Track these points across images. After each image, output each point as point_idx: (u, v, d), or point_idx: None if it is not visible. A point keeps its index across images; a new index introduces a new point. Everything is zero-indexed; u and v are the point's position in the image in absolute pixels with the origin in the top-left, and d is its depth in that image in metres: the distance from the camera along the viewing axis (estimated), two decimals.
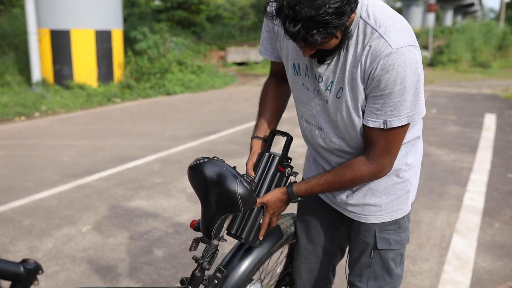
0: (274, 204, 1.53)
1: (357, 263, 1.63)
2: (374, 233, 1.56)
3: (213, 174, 1.32)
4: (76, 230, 3.41)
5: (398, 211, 1.56)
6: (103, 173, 4.68)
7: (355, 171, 1.42)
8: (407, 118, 1.32)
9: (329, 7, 1.13)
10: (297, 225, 1.83)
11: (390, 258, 1.58)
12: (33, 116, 7.52)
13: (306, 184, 1.49)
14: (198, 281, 1.51)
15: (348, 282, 1.70)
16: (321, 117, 1.48)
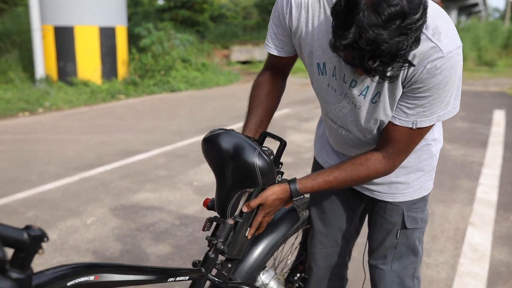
0: (272, 203, 1.37)
1: (382, 245, 1.55)
2: (401, 212, 1.49)
3: (230, 145, 1.23)
4: (80, 222, 3.33)
5: (425, 188, 1.50)
6: (108, 166, 4.60)
7: (369, 170, 1.33)
8: (437, 118, 1.24)
9: (410, 37, 1.01)
10: (311, 209, 1.74)
11: (416, 237, 1.52)
12: (36, 112, 7.45)
13: (312, 181, 1.36)
14: (212, 262, 1.42)
15: (370, 266, 1.62)
16: (349, 120, 1.38)
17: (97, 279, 1.01)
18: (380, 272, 1.57)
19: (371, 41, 0.99)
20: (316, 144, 1.73)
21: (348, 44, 1.02)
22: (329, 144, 1.65)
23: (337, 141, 1.54)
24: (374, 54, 1.02)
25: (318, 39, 1.27)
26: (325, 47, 1.26)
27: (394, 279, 1.55)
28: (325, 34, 1.24)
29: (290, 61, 1.49)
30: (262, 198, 1.37)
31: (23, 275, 0.84)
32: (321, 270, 1.77)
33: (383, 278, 1.56)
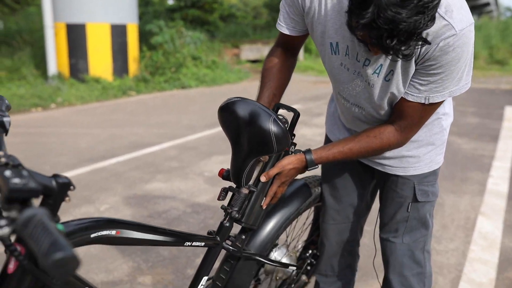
0: (288, 172, 1.42)
1: (393, 219, 1.58)
2: (413, 185, 1.51)
3: (246, 112, 1.27)
4: (94, 209, 3.38)
5: (435, 161, 1.52)
6: (120, 158, 4.66)
7: (383, 142, 1.37)
8: (449, 93, 1.27)
9: (427, 15, 1.03)
10: (323, 186, 1.77)
11: (427, 210, 1.55)
12: (49, 107, 7.54)
13: (327, 152, 1.41)
14: (227, 231, 1.45)
15: (381, 240, 1.65)
16: (362, 97, 1.40)
17: (118, 234, 1.05)
18: (391, 245, 1.59)
19: (389, 20, 1.01)
20: (327, 122, 1.76)
21: (366, 24, 1.04)
22: (340, 121, 1.67)
23: (349, 119, 1.56)
24: (392, 33, 1.03)
25: (331, 19, 1.29)
26: (337, 26, 1.28)
27: (405, 251, 1.58)
28: (338, 14, 1.27)
29: (301, 40, 1.52)
30: (279, 167, 1.41)
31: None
32: (333, 246, 1.79)
33: (394, 250, 1.59)
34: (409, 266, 1.59)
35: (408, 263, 1.59)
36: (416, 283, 1.60)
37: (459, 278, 2.53)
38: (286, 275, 1.83)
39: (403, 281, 1.60)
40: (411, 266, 1.59)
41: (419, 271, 1.60)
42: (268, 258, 1.63)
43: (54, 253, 0.56)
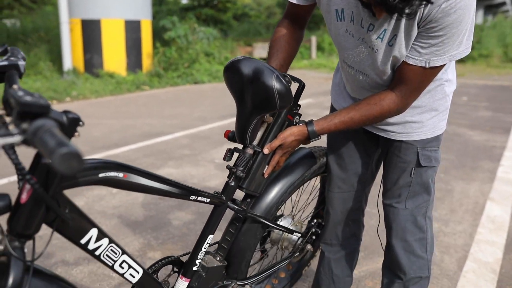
0: (290, 143, 1.46)
1: (396, 184, 1.60)
2: (416, 150, 1.54)
3: (249, 70, 1.31)
4: (106, 191, 3.45)
5: (438, 127, 1.55)
6: (133, 145, 4.74)
7: (383, 108, 1.40)
8: (449, 57, 1.29)
9: None
10: (329, 155, 1.80)
11: (429, 175, 1.57)
12: (64, 100, 7.67)
13: (328, 122, 1.44)
14: (232, 190, 1.50)
15: (384, 206, 1.67)
16: (366, 64, 1.44)
17: (125, 177, 1.10)
18: (394, 210, 1.62)
19: None
20: (332, 92, 1.80)
21: None
22: (345, 91, 1.71)
23: (354, 87, 1.60)
24: None
25: None
26: None
27: (407, 217, 1.61)
28: None
29: (308, 10, 1.56)
30: (281, 139, 1.46)
31: None
32: (338, 215, 1.82)
33: (397, 215, 1.62)
34: (412, 231, 1.61)
35: (410, 228, 1.61)
36: (419, 248, 1.63)
37: (465, 257, 2.55)
38: (291, 244, 1.87)
39: (405, 246, 1.62)
40: (414, 231, 1.61)
41: (421, 236, 1.62)
42: (272, 221, 1.66)
43: (60, 149, 0.61)
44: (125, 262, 1.20)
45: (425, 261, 1.64)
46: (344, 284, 1.89)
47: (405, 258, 1.62)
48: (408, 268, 1.63)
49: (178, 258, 1.55)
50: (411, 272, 1.63)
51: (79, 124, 0.92)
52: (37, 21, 13.67)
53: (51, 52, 10.63)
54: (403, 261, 1.62)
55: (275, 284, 2.07)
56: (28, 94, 0.74)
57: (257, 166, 1.49)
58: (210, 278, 1.55)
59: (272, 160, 1.51)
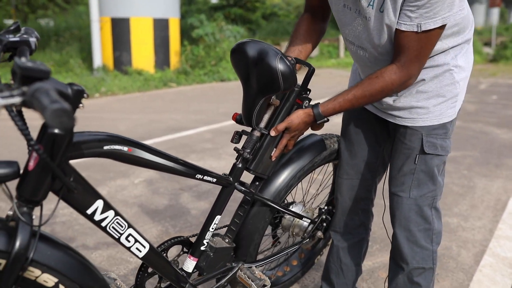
0: (297, 126, 1.48)
1: (400, 171, 1.58)
2: (420, 137, 1.51)
3: (254, 51, 1.34)
4: (129, 182, 3.54)
5: (446, 115, 1.51)
6: (157, 139, 4.82)
7: (385, 81, 1.38)
8: (442, 20, 1.28)
9: None
10: (340, 141, 1.81)
11: (435, 164, 1.53)
12: (93, 96, 7.85)
13: (333, 102, 1.45)
14: (239, 172, 1.53)
15: (389, 194, 1.66)
16: (363, 37, 1.45)
17: (130, 151, 1.14)
18: (398, 199, 1.59)
19: None
20: (350, 79, 1.81)
21: None
22: (359, 76, 1.72)
23: (359, 66, 1.62)
24: None
25: None
26: None
27: (412, 206, 1.57)
28: None
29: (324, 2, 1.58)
30: (287, 122, 1.48)
31: None
32: (346, 202, 1.83)
33: (401, 204, 1.59)
34: (416, 221, 1.58)
35: (414, 218, 1.58)
36: (423, 239, 1.60)
37: (483, 252, 2.52)
38: (301, 230, 1.88)
39: (408, 236, 1.60)
40: (418, 221, 1.58)
41: (427, 227, 1.59)
42: (281, 205, 1.69)
43: (52, 105, 0.65)
44: (131, 236, 1.25)
45: (429, 252, 1.61)
46: (352, 273, 1.88)
47: (408, 247, 1.60)
48: (411, 258, 1.60)
49: (187, 238, 1.59)
50: (414, 262, 1.60)
51: (83, 96, 0.97)
52: (70, 21, 14.03)
53: (82, 50, 10.89)
54: (405, 250, 1.60)
55: (287, 271, 2.09)
56: (30, 61, 0.79)
57: (265, 149, 1.52)
58: (218, 259, 1.58)
59: (280, 143, 1.53)
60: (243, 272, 1.59)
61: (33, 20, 16.76)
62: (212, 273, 1.59)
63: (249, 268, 1.63)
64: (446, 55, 1.45)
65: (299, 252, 2.16)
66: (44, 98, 0.67)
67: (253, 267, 1.63)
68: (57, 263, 1.04)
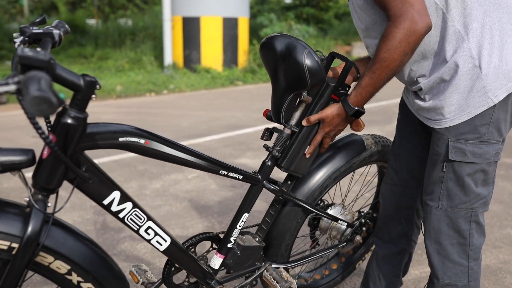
0: (331, 121, 1.41)
1: (429, 179, 1.45)
2: (447, 142, 1.36)
3: (283, 46, 1.30)
4: (182, 176, 3.60)
5: (473, 106, 1.30)
6: (216, 136, 4.88)
7: (387, 39, 1.24)
8: None
9: None
10: (392, 146, 1.73)
11: (465, 173, 1.36)
12: (161, 93, 8.11)
13: (358, 90, 1.35)
14: (268, 170, 1.50)
15: (422, 202, 1.55)
16: (358, 26, 1.43)
17: (147, 144, 1.14)
18: (427, 208, 1.47)
19: None
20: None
21: None
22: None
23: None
24: None
25: None
26: None
27: (441, 217, 1.43)
28: None
29: None
30: (321, 114, 1.42)
31: (80, 114, 0.99)
32: (388, 208, 1.74)
33: (429, 214, 1.46)
34: (447, 234, 1.44)
35: (446, 231, 1.44)
36: (456, 254, 1.45)
37: None
38: (339, 233, 1.82)
39: (439, 249, 1.46)
40: (450, 234, 1.44)
41: (461, 241, 1.44)
42: (314, 206, 1.63)
43: (33, 92, 0.66)
44: (150, 229, 1.25)
45: (463, 268, 1.45)
46: (389, 284, 1.78)
47: (439, 261, 1.46)
48: (442, 273, 1.46)
49: (216, 234, 1.58)
50: (445, 278, 1.46)
51: (96, 87, 0.98)
52: (146, 20, 14.59)
53: (155, 48, 11.28)
54: (436, 264, 1.47)
55: (326, 274, 2.03)
56: (32, 51, 0.80)
57: (297, 146, 1.47)
58: (246, 257, 1.55)
59: (314, 140, 1.47)
60: (269, 273, 1.56)
61: (113, 20, 17.58)
62: (239, 271, 1.57)
63: (276, 269, 1.59)
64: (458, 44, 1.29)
65: (340, 256, 2.09)
66: (31, 86, 0.67)
67: (281, 268, 1.59)
68: (70, 251, 1.07)
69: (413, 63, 1.39)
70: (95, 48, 12.64)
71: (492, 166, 1.39)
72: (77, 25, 14.49)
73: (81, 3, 23.27)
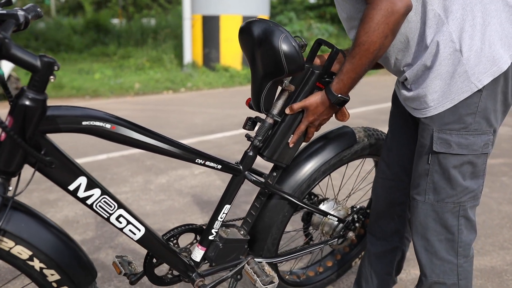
0: (315, 109, 1.36)
1: (416, 171, 1.39)
2: (431, 133, 1.29)
3: (260, 31, 1.25)
4: (189, 172, 3.58)
5: (456, 93, 1.23)
6: (227, 133, 4.86)
7: (365, 21, 1.19)
8: None
9: None
10: (384, 139, 1.67)
11: (451, 165, 1.29)
12: (179, 91, 8.13)
13: (338, 76, 1.30)
14: (250, 160, 1.46)
15: (410, 197, 1.48)
16: (341, 16, 1.42)
17: (113, 129, 1.11)
18: (414, 203, 1.40)
19: None
20: None
21: None
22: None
23: None
24: None
25: None
26: None
27: (428, 212, 1.36)
28: None
29: None
30: (304, 102, 1.37)
31: (38, 96, 0.97)
32: (380, 204, 1.68)
33: (416, 209, 1.39)
34: (434, 230, 1.37)
35: (433, 226, 1.37)
36: (444, 250, 1.38)
37: None
38: (332, 229, 1.77)
39: (426, 245, 1.39)
40: (437, 230, 1.37)
41: (449, 237, 1.36)
42: (301, 200, 1.58)
43: None
44: (122, 217, 1.23)
45: (452, 265, 1.38)
46: (381, 282, 1.72)
47: (426, 258, 1.39)
48: (430, 271, 1.39)
49: (200, 226, 1.55)
50: (433, 276, 1.39)
51: (54, 68, 0.95)
52: (169, 20, 14.70)
53: (176, 47, 11.35)
54: (423, 261, 1.40)
55: (320, 271, 1.98)
56: None
57: (280, 135, 1.42)
58: (229, 251, 1.52)
59: (298, 129, 1.43)
60: (250, 266, 1.52)
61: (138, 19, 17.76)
62: (222, 264, 1.53)
63: (259, 263, 1.54)
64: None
65: (335, 253, 2.03)
66: None
67: (263, 262, 1.55)
68: (31, 236, 1.04)
69: (398, 52, 1.33)
70: (118, 47, 12.79)
71: (482, 158, 1.31)
72: (101, 24, 14.68)
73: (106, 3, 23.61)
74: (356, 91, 1.40)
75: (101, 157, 3.96)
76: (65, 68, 9.91)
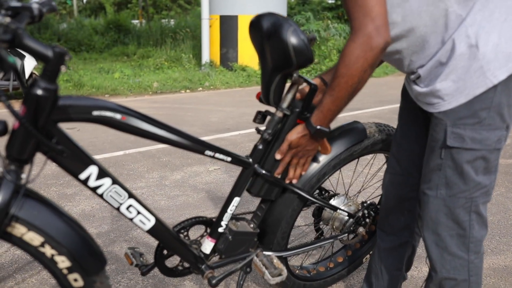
0: (297, 141, 1.39)
1: (428, 166, 1.38)
2: (445, 127, 1.28)
3: (269, 24, 1.27)
4: (204, 169, 3.61)
5: (471, 88, 1.22)
6: (242, 131, 4.88)
7: (344, 54, 1.20)
8: None
9: None
10: (394, 134, 1.66)
11: (464, 160, 1.28)
12: (196, 90, 8.19)
13: (318, 107, 1.32)
14: (259, 154, 1.47)
15: (419, 192, 1.47)
16: None
17: (123, 120, 1.14)
18: (424, 198, 1.39)
19: None
20: None
21: None
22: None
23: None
24: None
25: None
26: None
27: (439, 207, 1.35)
28: None
29: None
30: (287, 140, 1.41)
31: (50, 86, 1.00)
32: (390, 199, 1.67)
33: (427, 204, 1.38)
34: (446, 225, 1.36)
35: (444, 221, 1.36)
36: (455, 245, 1.37)
37: None
38: (341, 224, 1.77)
39: (437, 241, 1.38)
40: (449, 225, 1.36)
41: (460, 233, 1.35)
42: (311, 194, 1.59)
43: None
44: (132, 207, 1.25)
45: (463, 261, 1.37)
46: (391, 278, 1.72)
47: (437, 253, 1.39)
48: (440, 266, 1.39)
49: (210, 219, 1.56)
50: (444, 271, 1.38)
51: (65, 58, 0.98)
52: (189, 20, 14.81)
53: (194, 47, 11.44)
54: (434, 256, 1.39)
55: (330, 267, 1.98)
56: None
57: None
58: (238, 243, 1.53)
59: (282, 160, 1.45)
60: (259, 259, 1.53)
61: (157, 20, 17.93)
62: (231, 257, 1.54)
63: (268, 255, 1.55)
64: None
65: (347, 249, 2.03)
66: None
67: (272, 255, 1.56)
68: (43, 223, 1.07)
69: (412, 54, 1.32)
70: (137, 47, 12.94)
71: (494, 153, 1.30)
72: (121, 25, 14.86)
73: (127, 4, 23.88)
74: (373, 91, 1.41)
75: (118, 153, 4.01)
76: (85, 67, 10.07)
